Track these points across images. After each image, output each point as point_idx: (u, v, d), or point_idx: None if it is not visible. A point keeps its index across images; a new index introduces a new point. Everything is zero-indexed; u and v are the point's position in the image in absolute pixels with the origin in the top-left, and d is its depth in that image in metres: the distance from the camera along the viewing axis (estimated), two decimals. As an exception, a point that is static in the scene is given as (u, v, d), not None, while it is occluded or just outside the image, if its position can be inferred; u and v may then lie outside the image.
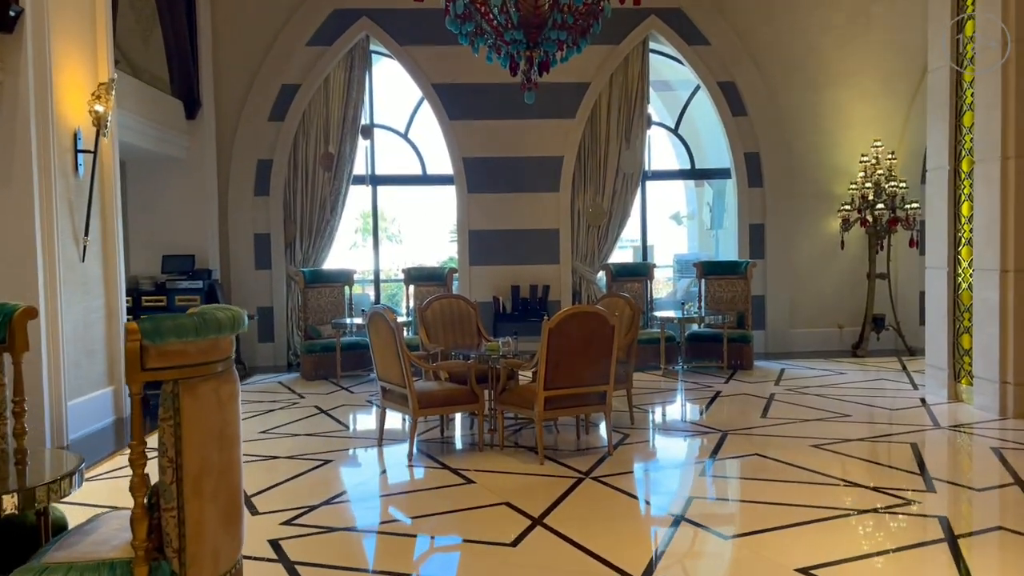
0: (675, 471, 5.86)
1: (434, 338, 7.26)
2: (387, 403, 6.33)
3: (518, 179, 11.17)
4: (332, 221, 11.14)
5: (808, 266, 11.34)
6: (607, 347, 5.84)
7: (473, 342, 7.37)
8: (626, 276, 10.59)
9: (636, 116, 11.25)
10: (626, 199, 11.34)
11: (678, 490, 5.40)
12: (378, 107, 11.54)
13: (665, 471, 5.88)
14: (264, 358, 10.99)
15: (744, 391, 8.51)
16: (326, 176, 11.05)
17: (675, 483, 5.56)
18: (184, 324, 2.84)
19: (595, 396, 5.98)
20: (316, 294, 10.21)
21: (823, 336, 11.36)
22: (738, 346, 9.79)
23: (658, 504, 5.10)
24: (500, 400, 6.16)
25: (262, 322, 11.00)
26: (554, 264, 11.24)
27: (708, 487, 5.37)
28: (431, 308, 7.37)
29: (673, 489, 5.43)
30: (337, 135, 11.04)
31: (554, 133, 11.14)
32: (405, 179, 11.91)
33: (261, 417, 7.65)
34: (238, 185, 10.89)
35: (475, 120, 11.13)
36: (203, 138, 10.47)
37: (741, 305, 10.25)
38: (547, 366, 5.68)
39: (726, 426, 6.87)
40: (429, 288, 10.39)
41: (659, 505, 5.07)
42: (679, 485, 5.51)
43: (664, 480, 5.66)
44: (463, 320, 7.46)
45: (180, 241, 10.36)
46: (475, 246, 11.22)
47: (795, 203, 11.26)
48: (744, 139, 11.25)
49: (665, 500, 5.19)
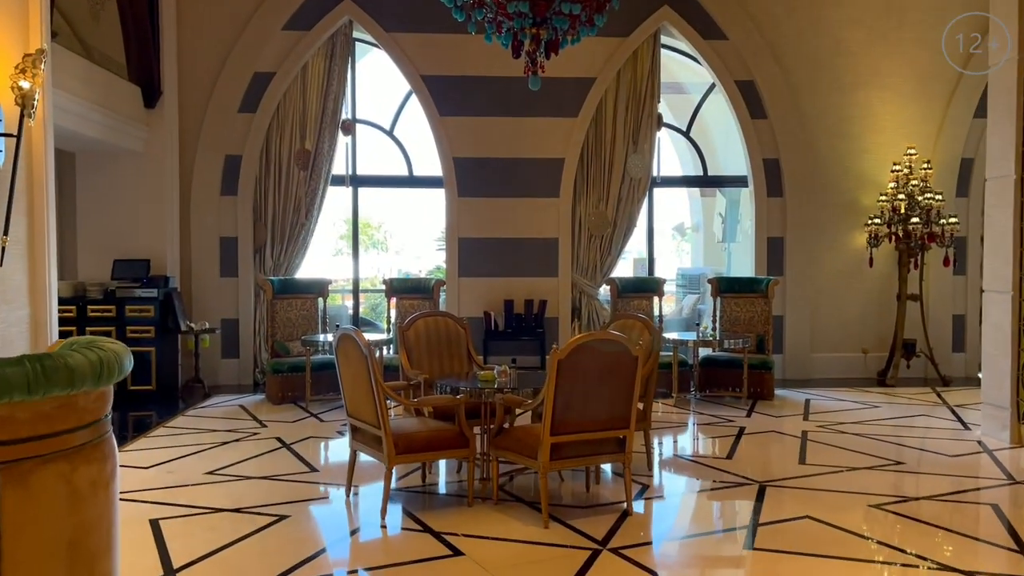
0: (713, 541, 4.77)
1: (417, 363, 6.17)
2: (358, 445, 5.23)
3: (514, 183, 10.12)
4: (307, 225, 10.04)
5: (831, 284, 10.32)
6: (628, 382, 4.77)
7: (463, 369, 6.28)
8: (633, 292, 9.54)
9: (645, 116, 10.22)
10: (632, 207, 10.29)
11: (722, 573, 4.32)
12: (361, 100, 10.47)
13: (700, 542, 4.77)
14: (227, 376, 9.86)
15: (770, 426, 7.46)
16: (302, 175, 9.96)
17: (715, 561, 4.48)
18: (7, 376, 1.78)
19: (612, 443, 4.90)
20: (285, 306, 9.10)
21: (846, 362, 10.33)
22: (758, 373, 8.73)
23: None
24: (495, 444, 5.07)
25: (226, 336, 9.86)
26: (552, 277, 10.17)
27: (758, 570, 4.29)
28: (414, 328, 6.28)
29: (716, 572, 4.36)
30: (315, 130, 9.96)
31: (555, 133, 10.09)
32: (389, 180, 10.82)
33: (212, 452, 6.52)
34: (203, 183, 9.77)
35: (468, 116, 10.07)
36: (164, 129, 9.36)
37: (760, 327, 9.21)
38: (555, 406, 4.61)
39: (762, 475, 5.80)
40: (413, 301, 9.29)
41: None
42: (721, 563, 4.43)
43: (700, 555, 4.56)
44: (451, 342, 6.36)
45: (135, 244, 9.23)
46: (465, 255, 10.14)
47: (818, 215, 10.25)
48: (763, 144, 10.24)
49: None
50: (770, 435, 7.15)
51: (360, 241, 10.98)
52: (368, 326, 11.78)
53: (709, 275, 13.64)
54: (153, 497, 5.29)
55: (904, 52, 10.14)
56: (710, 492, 5.55)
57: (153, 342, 8.82)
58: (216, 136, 9.75)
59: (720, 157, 11.69)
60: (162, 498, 5.28)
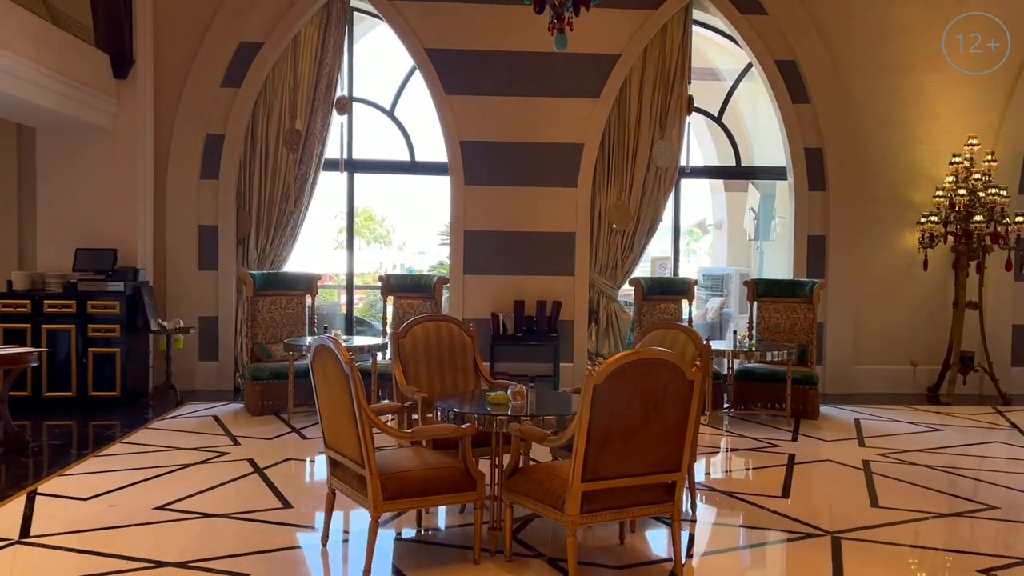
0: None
1: (414, 378, 5.14)
2: (337, 483, 4.21)
3: (527, 170, 9.08)
4: (297, 214, 9.01)
5: (877, 289, 9.27)
6: (681, 413, 3.75)
7: (468, 386, 5.26)
8: (659, 294, 8.49)
9: (674, 98, 9.18)
10: (658, 199, 9.25)
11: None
12: (359, 77, 9.44)
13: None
14: (205, 380, 8.84)
15: (823, 454, 6.43)
16: (291, 158, 8.94)
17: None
18: None
19: (658, 490, 3.87)
20: (268, 304, 8.07)
21: (892, 376, 9.28)
22: (801, 389, 7.70)
23: None
24: (509, 487, 4.05)
25: (205, 336, 8.86)
26: (568, 276, 9.14)
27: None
28: (411, 335, 5.25)
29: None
30: (306, 108, 8.93)
31: (574, 115, 9.06)
32: (389, 166, 9.79)
33: (168, 479, 5.50)
34: (180, 165, 8.75)
35: (477, 95, 9.04)
36: (136, 103, 8.33)
37: (803, 336, 8.16)
38: (588, 444, 3.58)
39: (831, 522, 4.77)
40: (413, 301, 8.27)
41: None
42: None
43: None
44: (455, 352, 5.34)
45: (101, 231, 8.21)
46: (472, 250, 9.11)
47: (864, 211, 9.20)
48: (804, 131, 9.19)
49: None
50: (826, 466, 6.12)
51: (361, 235, 9.96)
52: (363, 327, 10.77)
53: (733, 276, 12.67)
54: (83, 543, 4.27)
55: (964, 31, 9.08)
56: (774, 546, 4.52)
57: (118, 342, 7.81)
58: (196, 112, 8.72)
59: (753, 147, 10.64)
60: (94, 544, 4.26)
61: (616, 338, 9.36)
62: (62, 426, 7.13)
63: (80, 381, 7.77)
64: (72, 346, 7.75)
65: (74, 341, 7.74)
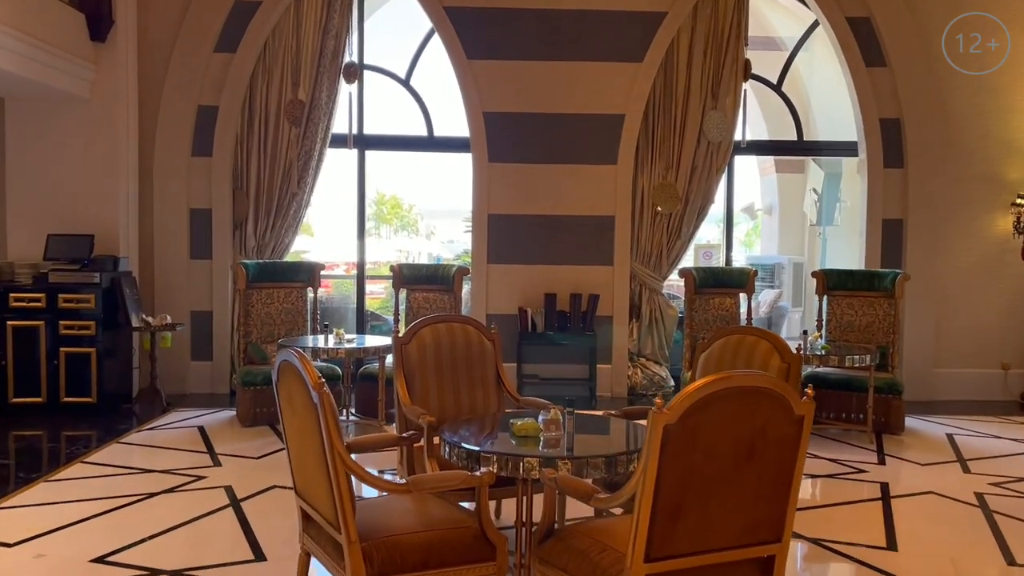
0: None
1: (421, 395, 4.09)
2: (311, 543, 3.16)
3: (560, 145, 7.99)
4: (300, 195, 8.00)
5: (963, 281, 8.06)
6: (786, 462, 2.65)
7: (489, 405, 4.20)
8: (713, 287, 7.35)
9: (728, 62, 8.02)
10: (710, 178, 8.11)
11: None
12: (370, 41, 8.39)
13: None
14: (198, 382, 7.87)
15: (922, 483, 5.28)
16: (293, 133, 7.92)
17: None
18: None
19: (750, 568, 2.77)
20: (264, 298, 7.06)
21: (980, 380, 8.08)
22: (884, 399, 6.53)
23: None
24: (541, 555, 2.97)
25: (198, 333, 7.89)
26: (606, 266, 8.04)
27: None
28: (417, 340, 4.19)
29: None
30: (310, 76, 7.90)
31: (613, 82, 7.93)
32: (404, 142, 8.75)
33: (124, 514, 4.51)
34: (168, 140, 7.76)
35: (502, 60, 7.95)
36: (117, 70, 7.35)
37: (883, 335, 6.99)
38: (655, 509, 2.49)
39: (962, 589, 3.65)
40: (429, 294, 7.22)
41: None
42: None
43: None
44: (472, 361, 4.27)
45: (78, 214, 7.26)
46: (496, 237, 8.04)
47: (950, 191, 7.98)
48: (881, 100, 7.97)
49: None
50: (930, 501, 4.98)
51: (388, 222, 8.91)
52: (378, 322, 9.75)
53: (786, 265, 11.52)
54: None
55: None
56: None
57: (94, 341, 6.86)
58: (185, 81, 7.72)
59: (816, 121, 9.44)
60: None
61: (661, 336, 8.25)
62: (24, 438, 6.20)
63: (51, 385, 6.83)
64: (42, 345, 6.81)
65: (44, 340, 6.80)
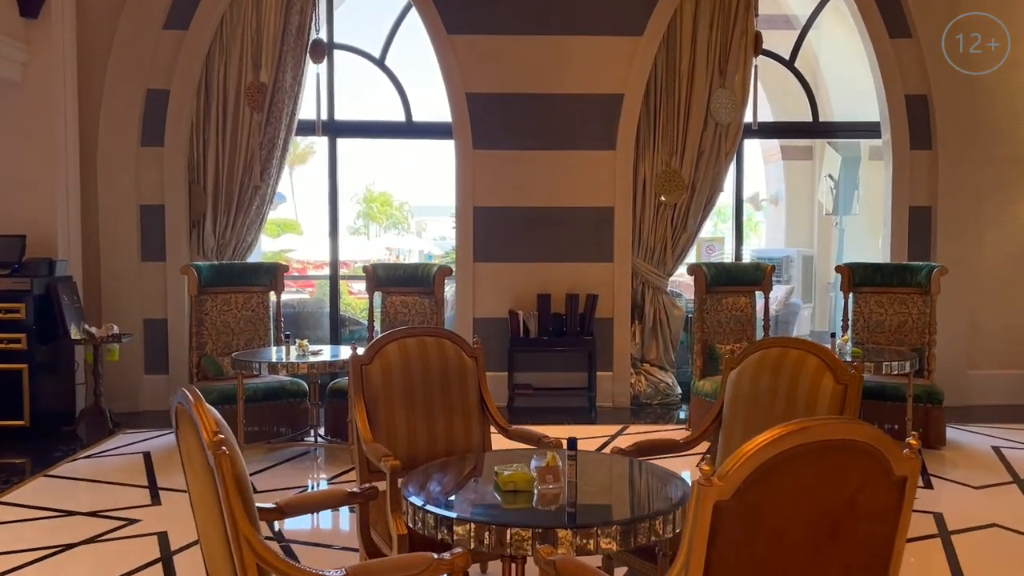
0: None
1: (386, 429, 3.29)
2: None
3: (552, 129, 7.20)
4: (264, 189, 7.19)
5: (1000, 274, 7.31)
6: (882, 540, 1.86)
7: (471, 439, 3.41)
8: (726, 285, 6.55)
9: (737, 35, 7.25)
10: (719, 164, 7.34)
11: None
12: (340, 17, 7.57)
13: None
14: (153, 399, 7.06)
15: (983, 512, 4.51)
16: (255, 119, 7.10)
17: None
18: None
19: None
20: (220, 304, 6.24)
21: (1017, 383, 7.33)
22: (922, 408, 5.77)
23: None
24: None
25: (152, 343, 7.08)
26: (606, 262, 7.26)
27: None
28: (381, 359, 3.40)
29: None
30: (273, 56, 7.08)
31: (610, 58, 7.14)
32: (379, 128, 7.97)
33: (26, 574, 3.70)
34: (113, 128, 6.93)
35: (488, 35, 7.15)
36: (52, 49, 6.51)
37: (916, 336, 6.23)
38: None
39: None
40: (407, 298, 6.40)
41: None
42: None
43: None
44: (450, 383, 3.48)
45: (8, 213, 6.44)
46: (483, 232, 7.25)
47: (984, 175, 7.23)
48: (906, 74, 7.21)
49: None
50: (996, 536, 4.21)
51: (376, 219, 8.09)
52: (356, 327, 8.94)
53: (795, 258, 10.78)
54: None
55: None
56: None
57: (25, 356, 6.03)
58: (132, 62, 6.90)
59: (833, 99, 8.66)
60: None
61: (666, 339, 7.48)
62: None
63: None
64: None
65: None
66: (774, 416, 3.10)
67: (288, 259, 17.36)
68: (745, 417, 3.21)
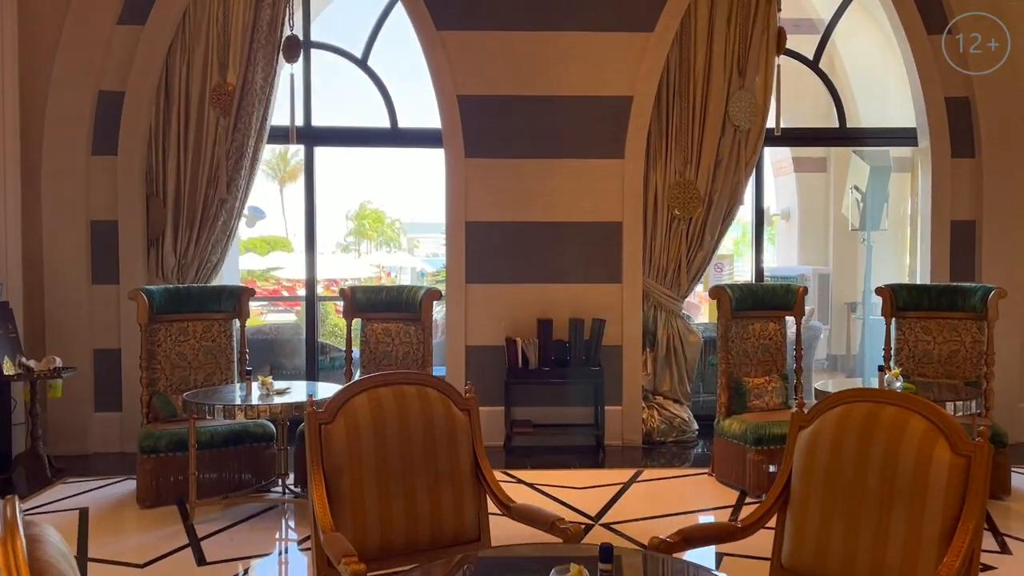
0: None
1: (351, 509, 2.51)
2: None
3: (553, 136, 6.46)
4: (230, 202, 6.42)
5: (1052, 295, 6.58)
6: None
7: (461, 525, 2.63)
8: (752, 309, 5.78)
9: (757, 31, 6.54)
10: (738, 174, 6.61)
11: None
12: (317, 12, 6.84)
13: None
14: (104, 440, 6.25)
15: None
16: (221, 125, 6.34)
17: None
18: None
19: None
20: (176, 334, 5.45)
21: (1073, 416, 6.58)
22: (983, 452, 5.00)
23: None
24: None
25: (103, 377, 6.28)
26: (613, 283, 6.50)
27: None
28: (345, 415, 2.61)
29: None
30: (242, 55, 6.34)
31: (618, 57, 6.42)
32: (361, 135, 7.18)
33: None
34: (60, 134, 6.16)
35: (482, 31, 6.42)
36: (-12, 45, 5.76)
37: (971, 368, 5.48)
38: None
39: None
40: (390, 324, 5.62)
41: None
42: None
43: None
44: (435, 445, 2.70)
45: (-64, 231, 5.64)
46: (477, 250, 6.49)
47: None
48: (945, 76, 6.50)
49: None
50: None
51: (368, 237, 7.33)
52: (337, 354, 8.14)
53: (810, 277, 10.08)
54: None
55: None
56: None
57: (-52, 395, 5.23)
58: (82, 60, 6.14)
59: (861, 103, 7.95)
60: None
61: (681, 369, 6.71)
62: None
63: None
64: None
65: None
66: (867, 496, 2.34)
67: (276, 278, 16.60)
68: (823, 494, 2.45)
